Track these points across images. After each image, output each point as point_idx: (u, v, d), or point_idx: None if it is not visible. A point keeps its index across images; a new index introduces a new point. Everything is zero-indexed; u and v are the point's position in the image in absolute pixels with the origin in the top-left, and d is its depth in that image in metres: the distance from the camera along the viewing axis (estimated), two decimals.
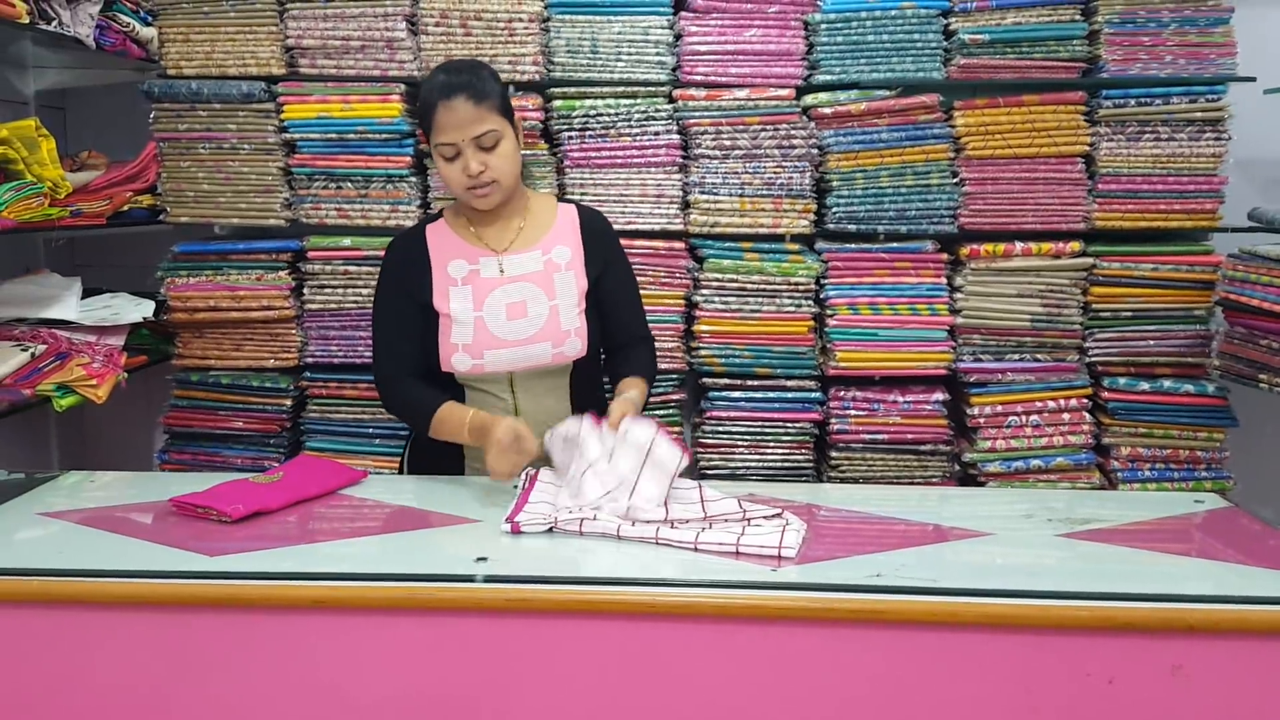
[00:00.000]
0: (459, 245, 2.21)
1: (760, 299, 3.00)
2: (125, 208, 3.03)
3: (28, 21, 2.68)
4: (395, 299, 2.21)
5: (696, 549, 1.75)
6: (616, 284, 2.25)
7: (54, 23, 2.79)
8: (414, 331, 2.18)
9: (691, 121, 2.97)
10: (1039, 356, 3.01)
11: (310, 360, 3.08)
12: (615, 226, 2.42)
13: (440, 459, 2.26)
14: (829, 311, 2.99)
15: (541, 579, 1.64)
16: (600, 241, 2.24)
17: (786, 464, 3.04)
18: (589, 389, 2.28)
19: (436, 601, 1.62)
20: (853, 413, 3.00)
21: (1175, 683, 1.58)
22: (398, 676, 1.63)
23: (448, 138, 2.06)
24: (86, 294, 2.97)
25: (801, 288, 2.99)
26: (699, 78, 2.99)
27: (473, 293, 2.15)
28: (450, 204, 2.34)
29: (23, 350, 2.68)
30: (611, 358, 2.33)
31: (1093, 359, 3.01)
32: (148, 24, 3.16)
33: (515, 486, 2.02)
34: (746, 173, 2.99)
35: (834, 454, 3.03)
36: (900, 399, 2.99)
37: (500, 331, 2.13)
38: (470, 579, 1.63)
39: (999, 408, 2.98)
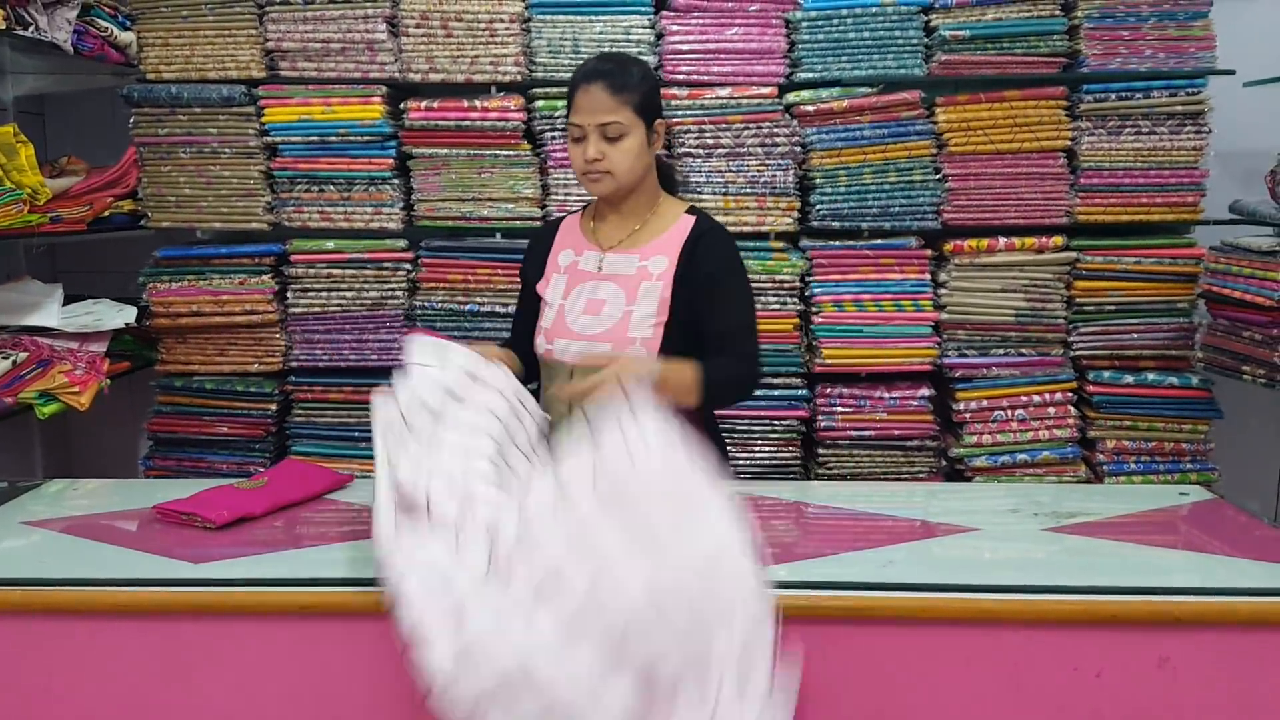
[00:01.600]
0: (576, 237, 2.22)
1: None
2: (106, 213, 3.01)
3: (4, 27, 2.67)
4: (523, 280, 2.27)
5: None
6: (714, 298, 2.09)
7: (31, 28, 2.78)
8: (531, 313, 2.22)
9: (674, 120, 2.96)
10: (1024, 351, 3.02)
11: (295, 364, 3.07)
12: None
13: None
14: (814, 309, 3.00)
15: None
16: (702, 255, 2.11)
17: (774, 462, 3.04)
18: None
19: None
20: (839, 410, 3.00)
21: (1162, 675, 1.59)
22: (383, 682, 1.62)
23: (578, 119, 2.07)
24: (68, 300, 2.96)
25: (787, 285, 2.99)
26: (681, 77, 2.99)
27: (566, 282, 2.17)
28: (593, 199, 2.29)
29: (4, 358, 2.66)
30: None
31: (1077, 353, 3.02)
32: (126, 28, 3.14)
33: None
34: (730, 171, 2.99)
35: (821, 451, 3.03)
36: (886, 395, 3.00)
37: (574, 323, 2.12)
38: None
39: (984, 402, 2.99)
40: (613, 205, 2.17)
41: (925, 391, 3.00)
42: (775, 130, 2.96)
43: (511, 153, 2.99)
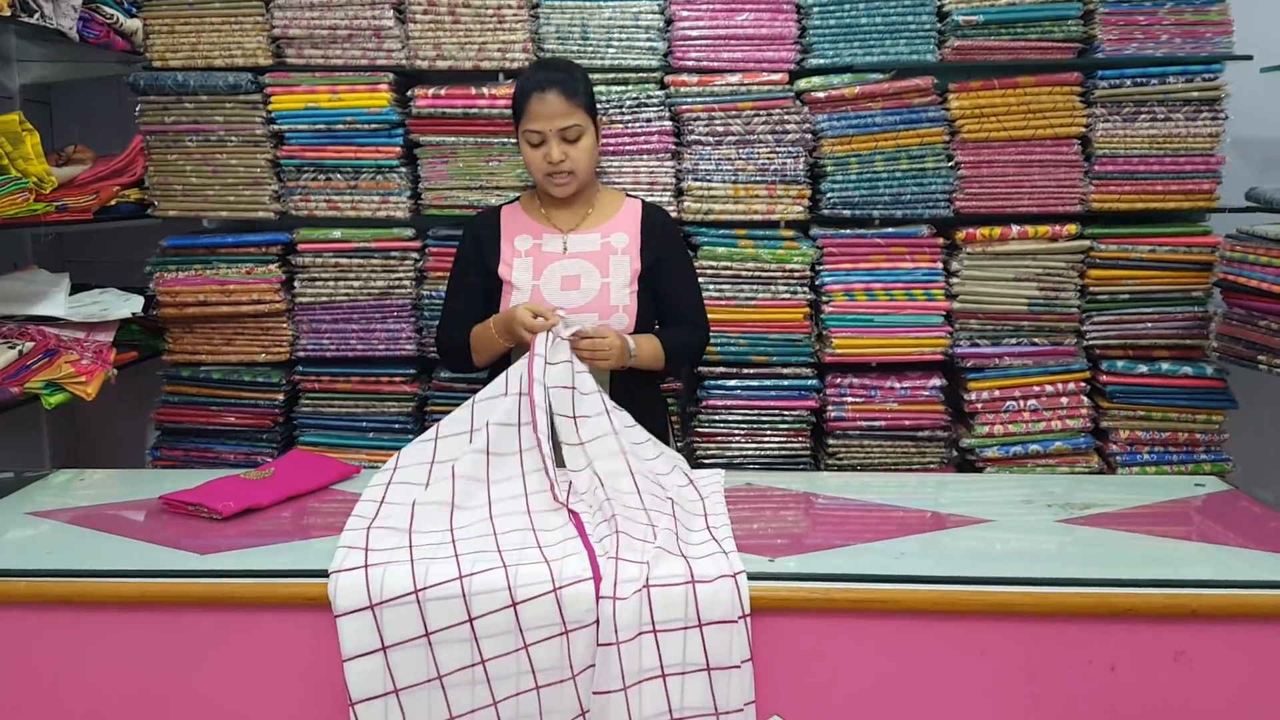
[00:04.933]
0: (529, 223, 2.40)
1: (755, 286, 2.97)
2: (112, 202, 3.00)
3: (10, 14, 2.65)
4: (466, 268, 2.41)
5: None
6: (671, 274, 2.38)
7: (36, 15, 2.76)
8: (476, 299, 2.36)
9: (684, 108, 2.94)
10: (1036, 340, 2.99)
11: (302, 354, 3.06)
12: None
13: None
14: (825, 298, 2.97)
15: None
16: (658, 234, 2.39)
17: (784, 452, 3.01)
18: (632, 367, 2.29)
19: None
20: (849, 400, 2.98)
21: (1177, 668, 1.58)
22: None
23: (536, 125, 2.25)
24: (75, 290, 2.94)
25: (797, 274, 2.97)
26: (691, 63, 2.96)
27: (533, 264, 2.33)
28: (527, 191, 2.51)
29: (10, 348, 2.65)
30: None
31: (1090, 342, 2.99)
32: (132, 16, 3.13)
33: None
34: (740, 159, 2.96)
35: (831, 441, 3.01)
36: (897, 385, 2.97)
37: (554, 299, 2.27)
38: None
39: (996, 392, 2.96)
40: (566, 197, 2.36)
41: (936, 381, 2.97)
42: (786, 117, 2.93)
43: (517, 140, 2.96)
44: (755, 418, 3.00)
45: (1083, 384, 2.98)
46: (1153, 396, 2.96)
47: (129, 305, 2.95)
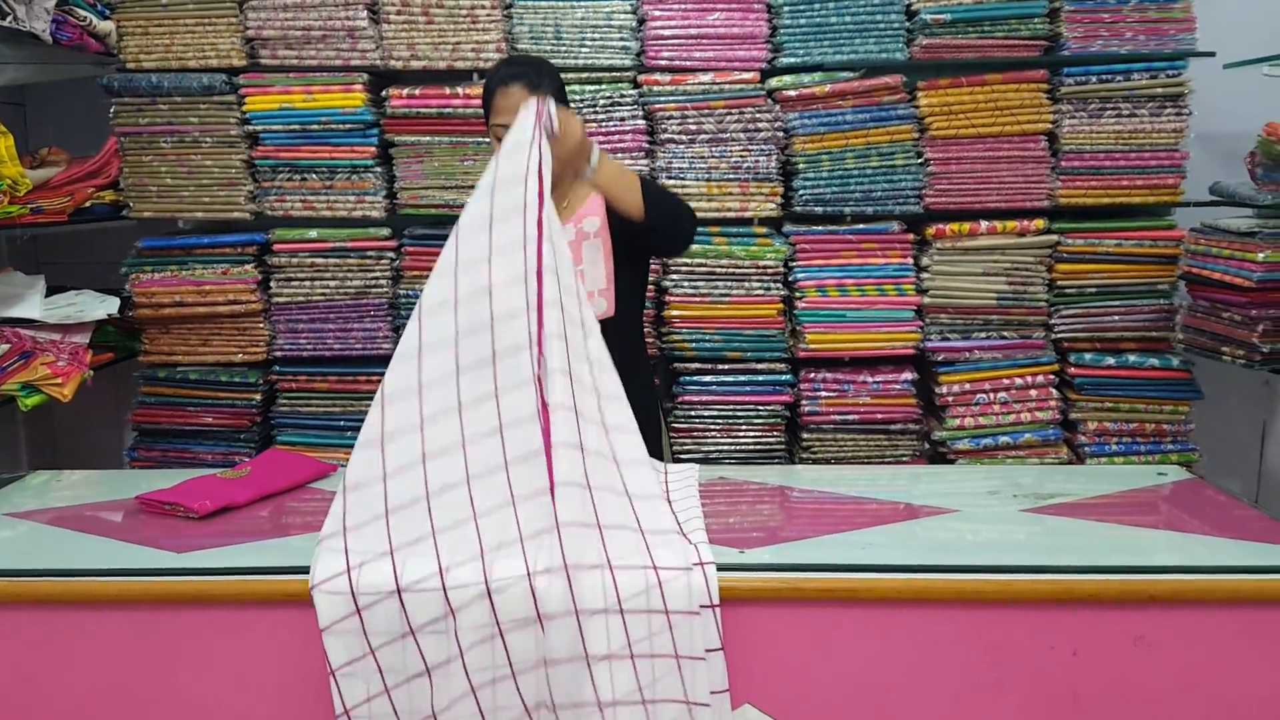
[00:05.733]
0: None
1: (729, 283, 3.00)
2: (87, 204, 3.00)
3: None
4: None
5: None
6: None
7: (9, 18, 2.75)
8: None
9: (657, 106, 2.97)
10: (1006, 334, 3.04)
11: (279, 354, 3.07)
12: None
13: None
14: (798, 294, 3.01)
15: None
16: None
17: (759, 447, 3.05)
18: (622, 346, 2.20)
19: None
20: (823, 394, 3.02)
21: (1138, 652, 1.61)
22: None
23: (503, 119, 2.18)
24: (50, 292, 2.95)
25: (770, 271, 3.00)
26: (663, 62, 2.99)
27: None
28: None
29: None
30: None
31: (1059, 335, 3.04)
32: (105, 18, 3.12)
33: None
34: (713, 157, 2.99)
35: (805, 435, 3.04)
36: (870, 379, 3.01)
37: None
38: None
39: (967, 385, 3.01)
40: None
41: (908, 375, 3.01)
42: (758, 115, 2.97)
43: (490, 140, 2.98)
44: (730, 413, 3.04)
45: (1051, 376, 3.02)
46: (1120, 388, 3.01)
47: (105, 307, 2.96)
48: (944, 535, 1.83)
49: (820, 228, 3.01)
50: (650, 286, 3.03)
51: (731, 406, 3.03)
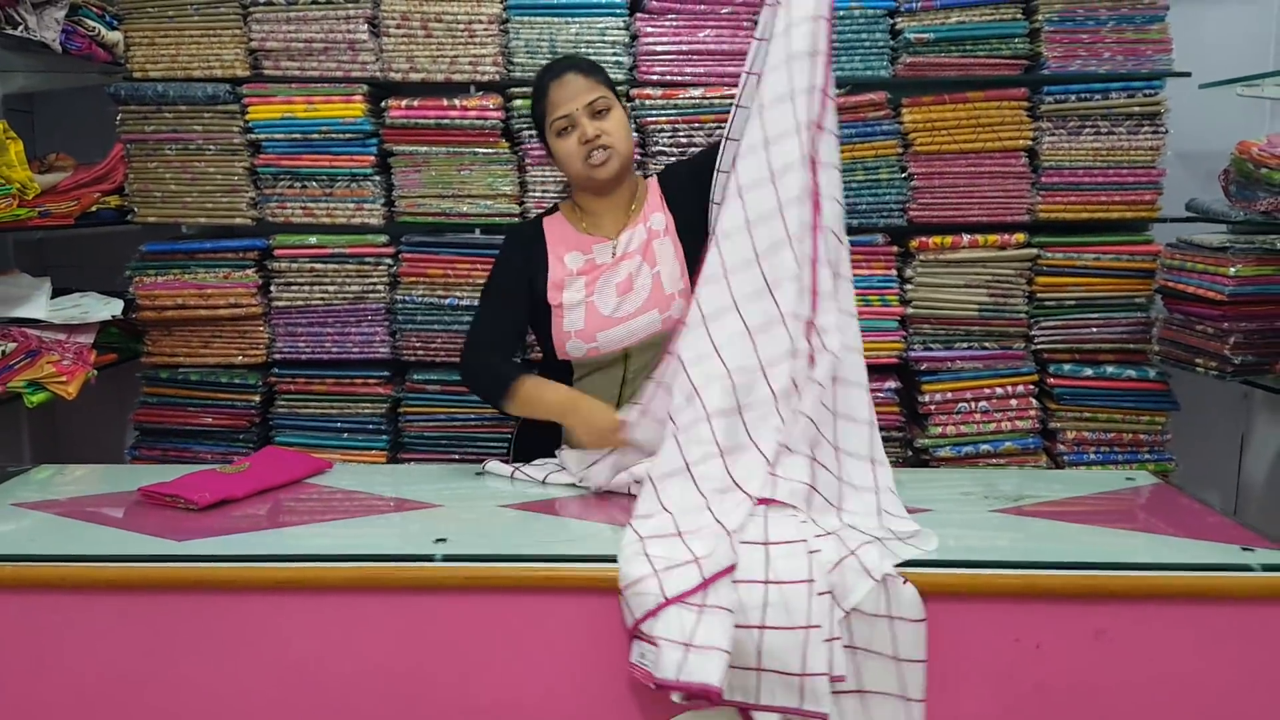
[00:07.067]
0: (575, 237, 2.27)
1: None
2: (93, 208, 3.07)
3: None
4: (508, 280, 2.26)
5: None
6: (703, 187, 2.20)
7: (20, 27, 2.83)
8: (517, 314, 2.25)
9: (649, 120, 3.04)
10: (987, 345, 3.10)
11: (278, 356, 3.13)
12: None
13: (545, 443, 2.24)
14: None
15: (497, 557, 1.71)
16: (673, 182, 2.31)
17: None
18: None
19: (398, 580, 1.68)
20: None
21: (1099, 646, 1.67)
22: (362, 654, 1.69)
23: (562, 110, 2.14)
24: (56, 293, 3.01)
25: None
26: (655, 77, 3.06)
27: (585, 281, 2.22)
28: (564, 202, 2.40)
29: None
30: None
31: (1038, 346, 3.11)
32: (113, 28, 3.20)
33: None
34: None
35: None
36: None
37: (610, 310, 2.18)
38: (430, 558, 1.70)
39: (949, 395, 3.07)
40: (603, 193, 2.24)
41: (892, 384, 3.08)
42: None
43: (490, 150, 3.06)
44: None
45: (1031, 386, 3.09)
46: (1098, 398, 3.07)
47: (109, 308, 3.02)
48: None
49: None
50: None
51: None
